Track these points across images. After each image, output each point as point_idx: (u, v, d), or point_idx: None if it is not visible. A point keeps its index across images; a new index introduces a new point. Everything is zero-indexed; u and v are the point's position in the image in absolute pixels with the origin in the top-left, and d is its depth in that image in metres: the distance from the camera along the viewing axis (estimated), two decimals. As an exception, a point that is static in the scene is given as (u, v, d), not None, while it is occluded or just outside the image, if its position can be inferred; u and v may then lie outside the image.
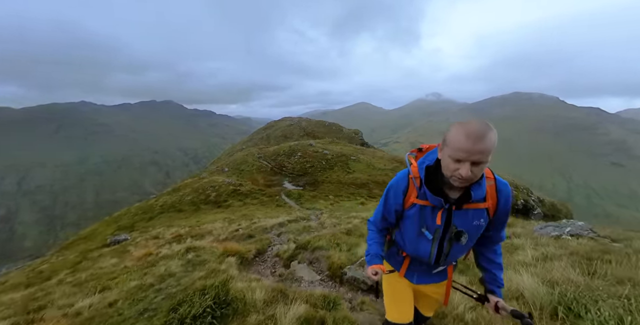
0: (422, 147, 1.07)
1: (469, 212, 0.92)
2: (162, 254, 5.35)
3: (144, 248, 6.98)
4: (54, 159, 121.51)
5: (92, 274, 5.21)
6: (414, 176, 0.96)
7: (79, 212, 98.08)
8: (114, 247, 9.40)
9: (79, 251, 11.25)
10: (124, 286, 3.02)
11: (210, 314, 1.50)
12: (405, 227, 1.02)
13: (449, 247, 0.97)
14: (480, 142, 0.73)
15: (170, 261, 4.01)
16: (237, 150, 46.20)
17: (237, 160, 27.32)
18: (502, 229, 1.01)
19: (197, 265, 3.63)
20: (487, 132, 0.75)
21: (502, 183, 0.94)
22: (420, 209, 0.96)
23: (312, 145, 29.13)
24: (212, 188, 18.07)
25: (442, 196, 0.90)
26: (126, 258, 6.22)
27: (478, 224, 0.93)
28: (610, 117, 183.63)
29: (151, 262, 4.39)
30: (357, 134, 49.16)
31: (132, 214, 17.47)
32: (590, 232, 3.29)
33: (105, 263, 6.42)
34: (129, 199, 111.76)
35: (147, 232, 11.44)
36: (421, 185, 0.94)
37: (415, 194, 0.96)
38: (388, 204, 1.03)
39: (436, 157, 0.96)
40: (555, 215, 22.96)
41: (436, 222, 0.94)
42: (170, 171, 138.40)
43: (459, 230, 0.92)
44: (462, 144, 0.75)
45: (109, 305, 2.33)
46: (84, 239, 16.07)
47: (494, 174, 0.95)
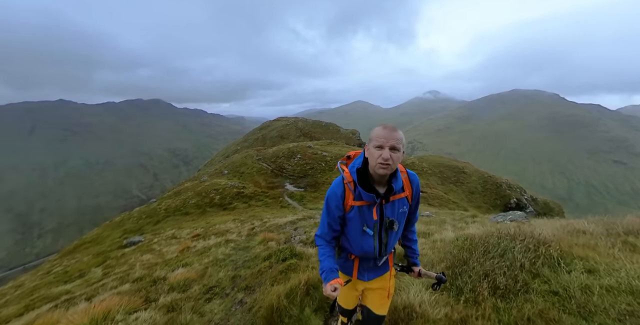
0: (349, 155, 1.26)
1: (395, 203, 1.15)
2: (198, 246, 6.76)
3: (174, 245, 8.34)
4: (28, 162, 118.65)
5: (142, 263, 6.53)
6: (348, 181, 1.13)
7: (58, 218, 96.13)
8: (133, 248, 10.50)
9: (93, 253, 12.30)
10: (200, 262, 4.46)
11: (291, 257, 3.01)
12: (349, 230, 1.18)
13: (386, 237, 1.18)
14: (395, 132, 1.04)
15: (219, 248, 5.46)
16: (231, 152, 47.21)
17: (236, 163, 28.57)
18: (416, 211, 1.29)
19: (243, 250, 5.10)
20: (397, 128, 1.05)
21: (412, 174, 1.21)
22: (358, 210, 1.13)
23: (311, 147, 30.66)
24: (215, 191, 19.35)
25: (373, 192, 1.10)
26: (163, 252, 7.56)
27: (403, 211, 1.19)
28: (611, 113, 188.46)
29: (200, 251, 5.82)
30: (355, 134, 50.83)
31: (136, 218, 18.59)
32: (525, 219, 4.96)
33: (142, 258, 7.64)
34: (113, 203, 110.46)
35: (160, 233, 12.64)
36: (355, 187, 1.12)
37: (352, 197, 1.13)
38: (331, 213, 1.17)
39: (360, 160, 1.16)
40: (548, 214, 25.04)
41: (373, 217, 1.13)
42: (158, 173, 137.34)
43: (391, 219, 1.14)
44: (380, 132, 1.04)
45: (205, 268, 3.80)
46: (91, 243, 17.04)
47: (405, 168, 1.22)
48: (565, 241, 2.15)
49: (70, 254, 15.04)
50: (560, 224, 3.40)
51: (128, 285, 3.67)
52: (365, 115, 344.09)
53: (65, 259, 13.18)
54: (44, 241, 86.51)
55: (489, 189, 26.16)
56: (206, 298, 2.43)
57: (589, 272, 1.48)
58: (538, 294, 1.34)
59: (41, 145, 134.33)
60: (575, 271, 1.47)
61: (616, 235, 2.22)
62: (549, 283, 1.41)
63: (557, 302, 1.28)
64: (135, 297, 2.64)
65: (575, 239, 2.19)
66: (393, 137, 1.03)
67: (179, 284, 3.09)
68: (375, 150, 1.05)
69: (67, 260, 12.58)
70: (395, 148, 1.03)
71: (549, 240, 1.85)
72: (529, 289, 1.41)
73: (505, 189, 25.69)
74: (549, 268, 1.56)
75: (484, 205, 23.94)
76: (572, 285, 1.34)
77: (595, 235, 2.33)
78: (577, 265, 1.53)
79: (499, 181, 26.88)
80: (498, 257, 1.70)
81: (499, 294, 1.40)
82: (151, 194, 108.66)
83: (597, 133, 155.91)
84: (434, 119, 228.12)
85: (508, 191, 25.34)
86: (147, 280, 3.77)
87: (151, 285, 3.34)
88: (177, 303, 2.40)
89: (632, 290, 1.24)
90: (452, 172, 28.76)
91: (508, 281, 1.44)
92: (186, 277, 3.32)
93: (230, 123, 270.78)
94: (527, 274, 1.51)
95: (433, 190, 23.31)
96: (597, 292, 1.25)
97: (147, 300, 2.61)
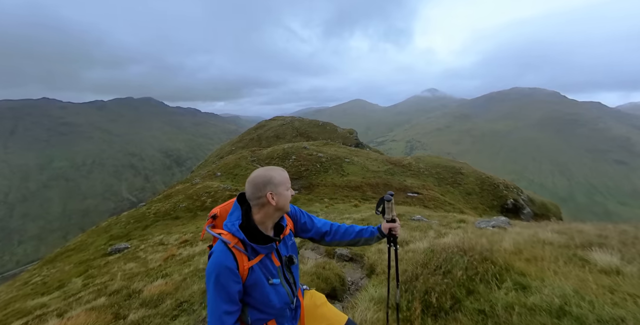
0: (215, 214, 1.14)
1: (285, 239, 1.16)
2: (184, 254, 6.84)
3: (160, 252, 8.39)
4: (9, 164, 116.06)
5: (124, 273, 6.58)
6: (234, 244, 1.00)
7: (42, 223, 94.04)
8: (118, 255, 10.49)
9: (75, 262, 12.19)
10: (180, 273, 4.56)
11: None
12: (254, 296, 1.04)
13: (291, 274, 1.15)
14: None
15: (202, 257, 5.56)
16: (226, 152, 47.10)
17: (229, 164, 28.57)
18: (317, 222, 1.29)
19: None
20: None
21: (290, 206, 1.19)
22: (259, 267, 1.04)
23: (307, 148, 30.79)
24: (207, 194, 19.37)
25: (268, 241, 1.06)
26: (147, 261, 7.62)
27: (292, 242, 1.21)
28: (612, 111, 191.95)
29: (184, 259, 5.91)
30: (352, 134, 51.05)
31: (124, 222, 18.48)
32: (507, 224, 5.16)
33: (125, 267, 7.68)
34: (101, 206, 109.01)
35: (147, 239, 12.65)
36: (246, 246, 1.02)
37: (245, 259, 1.01)
38: (224, 293, 0.97)
39: (238, 214, 1.06)
40: (545, 214, 25.51)
41: (275, 264, 1.09)
42: (149, 175, 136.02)
43: (289, 255, 1.14)
44: (285, 175, 1.12)
45: (184, 279, 3.90)
46: (74, 251, 16.85)
47: None
48: (522, 254, 2.31)
49: (52, 263, 14.80)
50: (531, 233, 3.58)
51: (103, 299, 3.75)
52: (363, 114, 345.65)
53: (46, 268, 12.98)
54: (24, 248, 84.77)
55: (486, 189, 26.57)
56: (173, 315, 2.53)
57: (523, 288, 1.61)
58: (467, 313, 1.48)
59: (23, 146, 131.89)
60: (506, 289, 1.61)
61: (569, 247, 2.38)
62: (479, 301, 1.54)
63: (480, 322, 1.41)
64: (106, 313, 2.73)
65: (531, 251, 2.35)
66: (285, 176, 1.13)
67: (153, 298, 3.18)
68: (288, 192, 1.11)
69: (48, 269, 12.39)
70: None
71: (494, 255, 2.00)
72: (461, 306, 1.54)
73: (502, 189, 26.12)
74: (485, 284, 1.70)
75: (480, 207, 24.31)
76: (499, 302, 1.47)
77: (553, 247, 2.49)
78: (511, 282, 1.67)
79: (496, 182, 27.32)
80: (442, 273, 1.83)
81: (431, 313, 1.54)
82: (142, 196, 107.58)
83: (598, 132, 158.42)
84: (433, 118, 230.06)
85: (505, 192, 25.77)
86: (124, 293, 3.86)
87: (126, 299, 3.42)
88: (144, 320, 2.49)
89: (550, 309, 1.36)
90: (449, 173, 29.13)
91: (441, 299, 1.58)
92: (161, 291, 3.41)
93: (225, 122, 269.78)
94: (462, 290, 1.65)
95: (429, 191, 23.59)
96: (517, 311, 1.39)
97: (116, 316, 2.70)
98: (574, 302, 1.37)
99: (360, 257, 3.79)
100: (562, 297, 1.42)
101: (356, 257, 3.87)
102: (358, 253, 3.96)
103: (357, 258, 3.78)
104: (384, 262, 3.12)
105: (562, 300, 1.39)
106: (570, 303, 1.39)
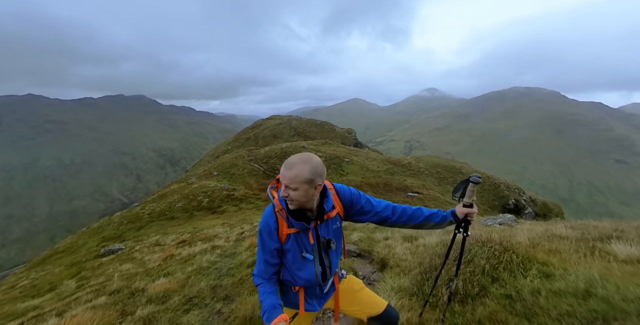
0: (279, 178, 1.16)
1: (328, 221, 1.18)
2: (184, 254, 6.80)
3: (157, 253, 8.33)
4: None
5: (122, 274, 6.51)
6: (279, 209, 1.12)
7: (27, 225, 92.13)
8: (112, 257, 10.36)
9: (66, 264, 11.99)
10: (183, 271, 4.53)
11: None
12: (289, 260, 1.17)
13: (327, 258, 1.19)
14: (289, 170, 1.03)
15: (204, 256, 5.53)
16: (222, 152, 46.86)
17: (226, 164, 28.44)
18: (376, 205, 1.23)
19: (229, 256, 5.18)
20: (297, 163, 1.03)
21: (340, 188, 1.22)
22: (295, 237, 1.14)
23: (305, 147, 30.80)
24: (203, 194, 19.24)
25: (303, 219, 1.12)
26: (144, 261, 7.54)
27: (336, 227, 1.21)
28: (613, 112, 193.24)
29: (184, 259, 5.87)
30: (351, 134, 51.17)
31: (116, 223, 18.26)
32: (514, 222, 5.23)
33: (121, 268, 7.59)
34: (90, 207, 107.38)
35: (143, 240, 12.51)
36: (287, 215, 1.11)
37: (286, 225, 1.13)
38: (266, 246, 1.14)
39: None
40: (547, 214, 25.87)
41: (310, 241, 1.14)
42: (141, 174, 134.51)
43: (328, 238, 1.17)
44: (282, 170, 1.06)
45: (188, 277, 3.88)
46: (64, 253, 16.59)
47: (334, 184, 1.23)
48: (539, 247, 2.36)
49: (40, 266, 14.54)
50: (542, 229, 3.65)
51: (104, 298, 3.71)
52: (361, 114, 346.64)
53: (34, 271, 12.73)
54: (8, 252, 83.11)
55: (486, 189, 26.84)
56: (184, 309, 2.53)
57: (546, 276, 1.67)
58: (493, 298, 1.52)
59: (7, 144, 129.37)
60: (531, 276, 1.66)
61: (587, 241, 2.44)
62: (505, 287, 1.59)
63: (507, 305, 1.46)
64: (110, 310, 2.71)
65: (548, 244, 2.40)
66: (286, 176, 1.04)
67: (158, 295, 3.16)
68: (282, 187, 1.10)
69: (36, 272, 12.15)
70: (289, 187, 1.05)
71: (515, 247, 2.04)
72: (487, 292, 1.58)
73: (504, 189, 26.41)
74: (509, 273, 1.74)
75: (481, 207, 24.55)
76: (524, 288, 1.52)
77: (570, 241, 2.55)
78: (535, 270, 1.72)
79: (497, 182, 27.62)
80: (464, 263, 1.87)
81: (458, 299, 1.58)
82: (134, 196, 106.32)
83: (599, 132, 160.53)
84: (432, 118, 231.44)
85: (506, 192, 26.06)
86: (125, 292, 3.83)
87: (129, 297, 3.40)
88: (154, 315, 2.48)
89: (575, 292, 1.42)
90: (449, 172, 29.39)
91: (467, 286, 1.62)
92: (166, 288, 3.40)
93: (221, 121, 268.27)
94: (487, 278, 1.69)
95: (430, 191, 23.77)
96: (544, 295, 1.43)
97: (123, 313, 2.67)
98: (600, 285, 1.43)
99: (369, 253, 3.82)
100: (588, 282, 1.46)
101: (364, 252, 3.91)
102: (366, 249, 3.99)
103: (364, 254, 3.82)
104: (396, 256, 3.15)
105: (587, 284, 1.44)
106: (595, 286, 1.45)
